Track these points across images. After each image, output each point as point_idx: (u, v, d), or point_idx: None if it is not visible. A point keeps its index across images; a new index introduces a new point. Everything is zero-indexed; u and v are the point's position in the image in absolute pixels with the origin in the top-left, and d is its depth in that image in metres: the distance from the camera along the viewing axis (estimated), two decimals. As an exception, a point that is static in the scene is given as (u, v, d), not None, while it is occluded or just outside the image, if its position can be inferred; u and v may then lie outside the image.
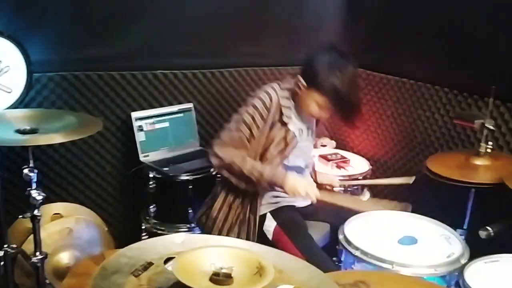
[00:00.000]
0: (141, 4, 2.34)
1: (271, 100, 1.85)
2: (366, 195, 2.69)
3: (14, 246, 1.77)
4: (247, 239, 1.90)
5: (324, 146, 3.09)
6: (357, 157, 2.84)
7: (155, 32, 2.40)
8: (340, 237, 1.74)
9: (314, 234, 1.97)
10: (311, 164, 2.12)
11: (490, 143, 1.95)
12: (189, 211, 2.24)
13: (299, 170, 1.99)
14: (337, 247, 1.75)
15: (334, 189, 2.21)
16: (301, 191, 1.80)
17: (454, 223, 1.93)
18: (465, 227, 2.02)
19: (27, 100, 2.16)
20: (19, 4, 2.04)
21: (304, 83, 1.84)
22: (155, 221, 2.30)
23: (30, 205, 1.64)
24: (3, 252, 1.69)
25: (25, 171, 1.62)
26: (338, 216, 1.89)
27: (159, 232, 2.29)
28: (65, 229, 2.27)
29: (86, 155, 2.40)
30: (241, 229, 1.90)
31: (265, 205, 1.94)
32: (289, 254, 1.75)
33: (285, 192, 1.84)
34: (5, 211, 1.82)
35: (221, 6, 2.51)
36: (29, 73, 1.90)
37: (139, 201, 2.38)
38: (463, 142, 2.33)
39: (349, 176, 2.56)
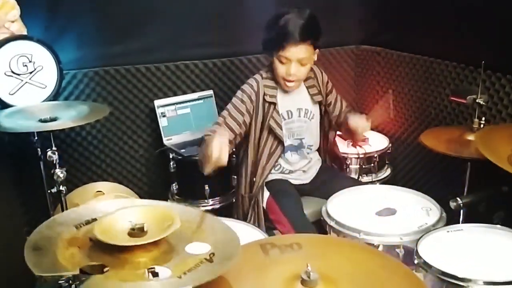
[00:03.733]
0: (161, 2, 2.58)
1: (257, 83, 2.02)
2: (387, 171, 2.76)
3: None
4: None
5: (349, 125, 3.17)
6: (378, 135, 2.89)
7: (175, 26, 2.62)
8: (323, 209, 1.87)
9: (308, 208, 2.11)
10: (312, 144, 2.22)
11: (483, 118, 1.96)
12: (206, 188, 2.46)
13: (292, 148, 2.14)
14: (321, 218, 1.89)
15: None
16: (208, 151, 1.72)
17: (454, 197, 1.98)
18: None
19: (66, 94, 2.52)
20: (51, 12, 2.36)
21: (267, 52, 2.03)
22: (178, 198, 2.56)
23: (56, 182, 1.96)
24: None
25: (49, 153, 1.93)
26: (333, 193, 2.01)
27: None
28: (105, 205, 2.63)
29: (120, 141, 2.72)
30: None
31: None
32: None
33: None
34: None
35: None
36: (59, 70, 2.22)
37: (166, 180, 2.66)
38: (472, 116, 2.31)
39: (365, 154, 2.64)
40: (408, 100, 2.74)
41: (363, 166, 2.61)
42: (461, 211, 1.99)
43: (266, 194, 2.10)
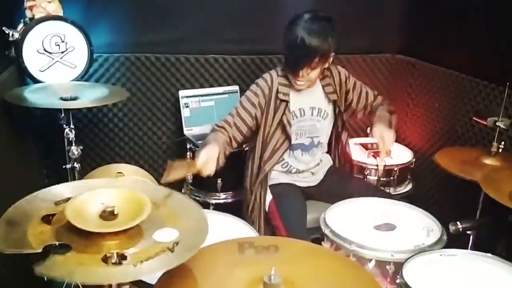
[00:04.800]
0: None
1: (271, 78, 2.03)
2: (408, 186, 2.68)
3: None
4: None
5: (376, 135, 3.10)
6: (403, 148, 2.81)
7: (207, 19, 2.67)
8: (322, 216, 1.85)
9: (312, 213, 2.09)
10: (323, 143, 2.20)
11: (502, 142, 1.86)
12: (218, 181, 2.49)
13: (303, 147, 2.13)
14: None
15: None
16: (197, 161, 1.79)
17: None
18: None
19: (97, 76, 2.63)
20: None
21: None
22: (192, 188, 2.60)
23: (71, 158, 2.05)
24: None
25: (66, 130, 2.03)
26: (341, 198, 1.98)
27: (196, 198, 2.59)
28: (124, 186, 2.72)
29: (145, 126, 2.80)
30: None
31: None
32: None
33: None
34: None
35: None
36: (90, 52, 2.32)
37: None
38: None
39: (384, 166, 2.56)
40: (437, 116, 2.65)
41: (381, 179, 2.55)
42: (471, 236, 1.91)
43: (269, 197, 2.09)
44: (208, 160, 1.79)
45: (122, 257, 1.02)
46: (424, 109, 2.76)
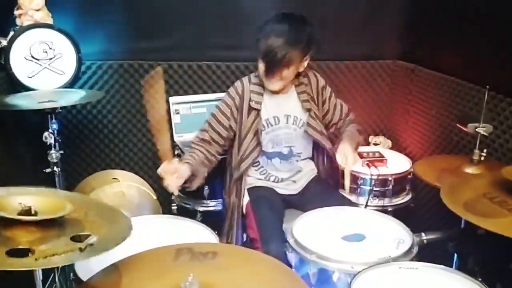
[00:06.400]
0: (189, 2, 2.64)
1: (242, 86, 1.99)
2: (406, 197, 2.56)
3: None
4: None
5: (377, 144, 2.99)
6: (402, 157, 2.69)
7: (201, 26, 2.67)
8: (291, 224, 1.78)
9: (290, 222, 2.01)
10: (301, 152, 2.13)
11: (484, 150, 1.74)
12: (205, 188, 2.46)
13: (281, 156, 2.07)
14: (288, 234, 1.80)
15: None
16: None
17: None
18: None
19: (91, 83, 2.67)
20: (82, 4, 2.52)
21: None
22: (181, 195, 2.58)
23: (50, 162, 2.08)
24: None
25: (45, 134, 2.06)
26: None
27: (186, 206, 2.57)
28: (119, 191, 2.73)
29: (140, 132, 2.82)
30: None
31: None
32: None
33: None
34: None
35: (263, 4, 2.66)
36: (78, 59, 2.36)
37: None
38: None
39: (378, 175, 2.46)
40: (434, 123, 2.52)
41: (374, 189, 2.44)
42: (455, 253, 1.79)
43: (247, 199, 2.04)
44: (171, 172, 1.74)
45: (29, 252, 1.01)
46: (424, 116, 2.64)
